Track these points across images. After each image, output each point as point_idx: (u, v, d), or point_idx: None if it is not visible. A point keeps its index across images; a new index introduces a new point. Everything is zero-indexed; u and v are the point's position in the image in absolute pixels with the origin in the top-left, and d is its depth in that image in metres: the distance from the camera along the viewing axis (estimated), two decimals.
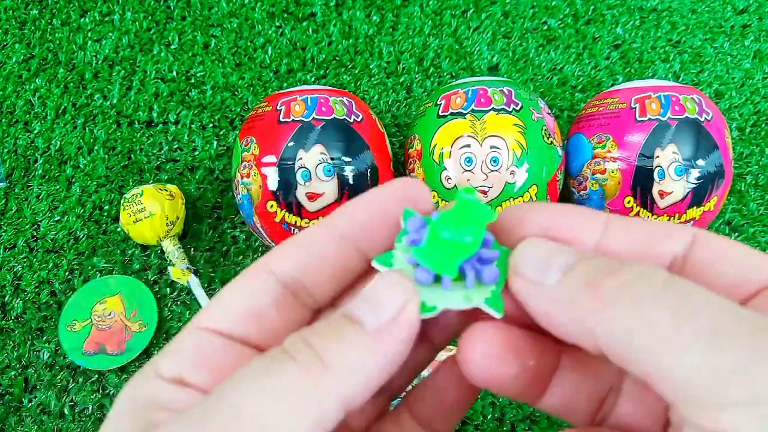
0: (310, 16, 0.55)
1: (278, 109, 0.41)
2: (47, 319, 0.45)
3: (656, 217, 0.40)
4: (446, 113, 0.41)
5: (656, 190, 0.39)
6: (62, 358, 0.44)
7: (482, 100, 0.40)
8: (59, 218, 0.48)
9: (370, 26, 0.55)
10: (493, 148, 0.39)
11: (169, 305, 0.46)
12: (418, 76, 0.53)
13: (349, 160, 0.40)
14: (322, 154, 0.39)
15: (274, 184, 0.39)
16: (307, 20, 0.55)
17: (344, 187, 0.40)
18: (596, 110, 0.43)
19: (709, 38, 0.55)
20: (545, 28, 0.55)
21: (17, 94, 0.52)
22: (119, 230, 0.48)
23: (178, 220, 0.45)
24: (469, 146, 0.39)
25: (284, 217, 0.40)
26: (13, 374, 0.44)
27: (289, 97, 0.41)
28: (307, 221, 0.40)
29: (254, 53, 0.54)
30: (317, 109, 0.40)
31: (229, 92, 0.52)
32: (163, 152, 0.50)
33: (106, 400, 0.43)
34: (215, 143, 0.51)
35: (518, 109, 0.40)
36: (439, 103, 0.42)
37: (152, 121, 0.52)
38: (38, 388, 0.44)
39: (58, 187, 0.49)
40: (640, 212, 0.40)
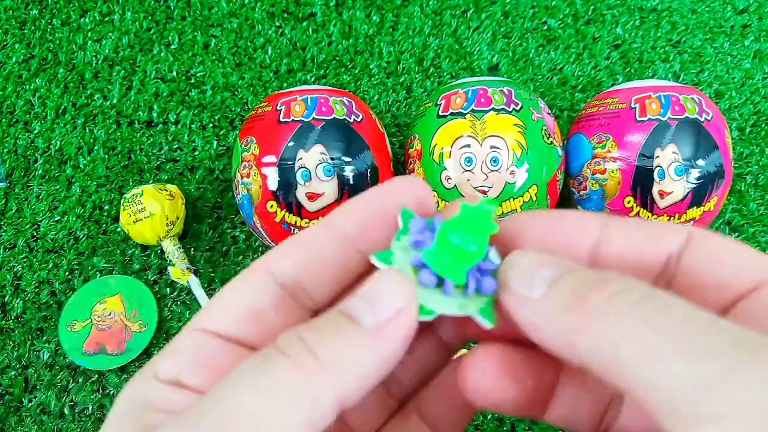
0: (310, 16, 0.55)
1: (278, 109, 0.41)
2: (47, 319, 0.45)
3: (656, 217, 0.40)
4: (446, 113, 0.41)
5: (656, 190, 0.39)
6: (62, 358, 0.44)
7: (482, 100, 0.40)
8: (59, 218, 0.48)
9: (370, 26, 0.55)
10: (493, 148, 0.39)
11: (169, 305, 0.46)
12: (418, 76, 0.53)
13: (349, 160, 0.40)
14: (322, 154, 0.39)
15: (274, 184, 0.39)
16: (307, 20, 0.55)
17: (344, 187, 0.40)
18: (596, 110, 0.43)
19: (709, 38, 0.55)
20: (545, 28, 0.55)
21: (17, 94, 0.53)
22: (119, 230, 0.48)
23: (178, 220, 0.45)
24: (469, 146, 0.39)
25: (284, 217, 0.40)
26: (13, 374, 0.44)
27: (289, 97, 0.41)
28: (307, 221, 0.40)
29: (254, 53, 0.54)
30: (317, 109, 0.40)
31: (229, 92, 0.52)
32: (163, 152, 0.50)
33: (106, 400, 0.43)
34: (215, 143, 0.51)
35: (518, 109, 0.40)
36: (439, 103, 0.42)
37: (152, 121, 0.52)
38: (38, 388, 0.44)
39: (58, 187, 0.49)
40: (640, 212, 0.40)
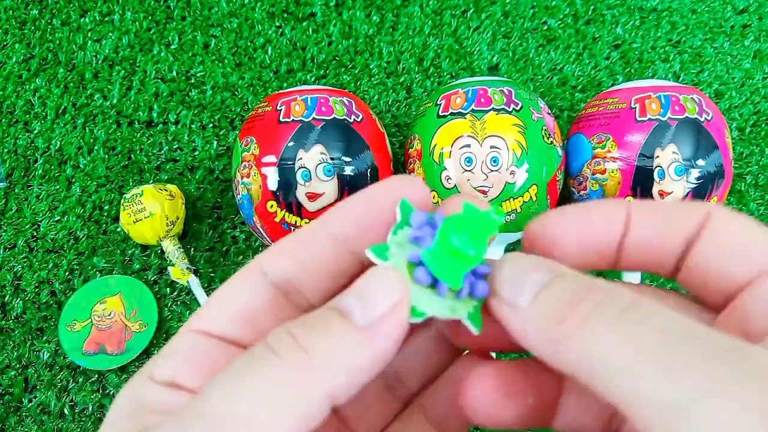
0: (310, 16, 0.55)
1: (278, 109, 0.41)
2: (47, 319, 0.45)
3: None
4: (446, 113, 0.41)
5: (656, 190, 0.39)
6: (62, 358, 0.44)
7: (482, 100, 0.40)
8: (59, 218, 0.48)
9: (370, 26, 0.55)
10: (493, 148, 0.39)
11: (169, 305, 0.46)
12: (418, 76, 0.53)
13: (349, 160, 0.40)
14: (322, 154, 0.39)
15: (274, 184, 0.39)
16: (307, 20, 0.55)
17: (344, 187, 0.40)
18: (596, 110, 0.43)
19: (709, 38, 0.55)
20: (545, 28, 0.55)
21: (17, 94, 0.52)
22: (119, 230, 0.48)
23: (178, 220, 0.45)
24: (469, 146, 0.39)
25: (284, 217, 0.40)
26: (13, 374, 0.44)
27: (289, 97, 0.41)
28: (307, 221, 0.40)
29: (254, 53, 0.54)
30: (317, 109, 0.40)
31: (229, 92, 0.52)
32: (163, 152, 0.50)
33: (106, 400, 0.43)
34: (215, 143, 0.51)
35: (518, 109, 0.40)
36: (439, 103, 0.42)
37: (152, 121, 0.52)
38: (38, 388, 0.44)
39: (58, 187, 0.49)
40: None
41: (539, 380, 0.16)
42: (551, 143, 0.41)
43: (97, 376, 0.44)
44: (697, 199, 0.39)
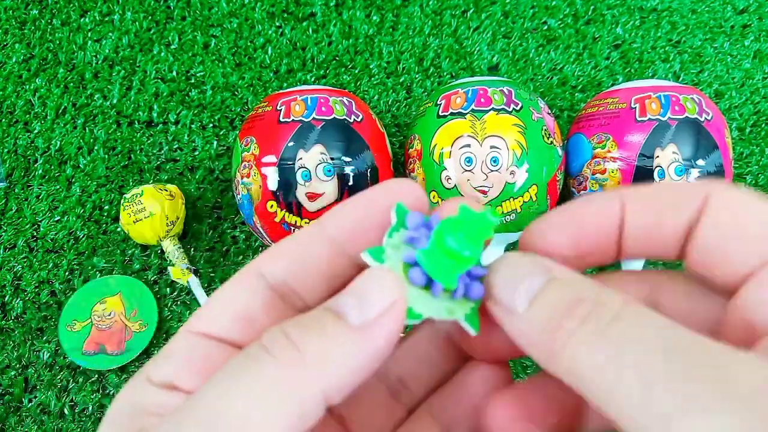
0: (310, 16, 0.55)
1: (278, 109, 0.41)
2: (47, 319, 0.45)
3: None
4: (446, 113, 0.41)
5: None
6: (62, 358, 0.44)
7: (482, 100, 0.40)
8: (59, 218, 0.48)
9: (370, 26, 0.55)
10: (493, 148, 0.39)
11: (169, 305, 0.46)
12: (418, 76, 0.53)
13: (349, 160, 0.40)
14: (322, 154, 0.39)
15: (274, 184, 0.39)
16: (307, 20, 0.55)
17: (344, 187, 0.40)
18: (596, 110, 0.43)
19: (709, 38, 0.55)
20: (545, 28, 0.55)
21: (17, 94, 0.52)
22: (119, 230, 0.48)
23: (178, 220, 0.45)
24: (469, 146, 0.39)
25: (284, 217, 0.40)
26: (13, 374, 0.44)
27: (289, 97, 0.41)
28: (307, 221, 0.40)
29: (254, 53, 0.54)
30: (317, 109, 0.40)
31: (229, 92, 0.52)
32: (163, 152, 0.50)
33: (106, 400, 0.43)
34: (215, 143, 0.51)
35: (518, 109, 0.40)
36: (439, 103, 0.42)
37: (152, 121, 0.52)
38: (38, 388, 0.44)
39: (58, 187, 0.49)
40: None
41: (560, 397, 0.16)
42: (551, 143, 0.41)
43: (97, 376, 0.44)
44: None
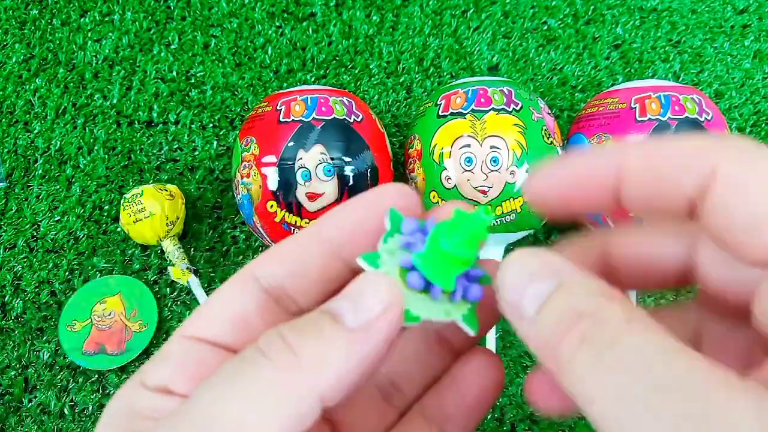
0: (310, 16, 0.55)
1: (278, 109, 0.41)
2: (47, 319, 0.45)
3: None
4: (446, 113, 0.41)
5: None
6: (62, 358, 0.44)
7: (482, 100, 0.40)
8: (59, 218, 0.48)
9: (370, 26, 0.55)
10: (493, 148, 0.39)
11: (169, 305, 0.46)
12: (418, 76, 0.53)
13: (349, 160, 0.40)
14: (322, 154, 0.39)
15: (274, 184, 0.39)
16: (307, 20, 0.55)
17: (344, 187, 0.40)
18: (596, 110, 0.43)
19: (709, 38, 0.55)
20: (545, 28, 0.55)
21: (17, 94, 0.52)
22: (119, 230, 0.48)
23: (178, 220, 0.45)
24: (469, 146, 0.39)
25: (284, 217, 0.40)
26: (13, 374, 0.44)
27: (289, 97, 0.41)
28: (307, 221, 0.40)
29: (254, 53, 0.54)
30: (317, 109, 0.40)
31: (229, 92, 0.52)
32: (163, 152, 0.50)
33: (106, 400, 0.43)
34: (215, 143, 0.51)
35: (518, 109, 0.40)
36: (439, 103, 0.42)
37: (152, 121, 0.52)
38: (38, 388, 0.44)
39: (58, 187, 0.49)
40: None
41: None
42: (551, 143, 0.41)
43: (97, 376, 0.44)
44: None
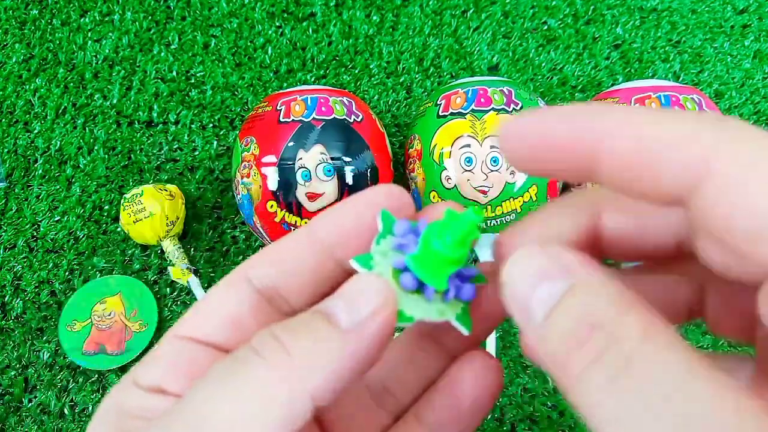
0: (310, 16, 0.55)
1: (278, 109, 0.41)
2: (47, 319, 0.45)
3: None
4: (446, 113, 0.41)
5: None
6: (62, 358, 0.44)
7: (482, 100, 0.40)
8: (59, 218, 0.48)
9: (370, 26, 0.55)
10: (493, 148, 0.39)
11: (169, 305, 0.46)
12: (418, 76, 0.53)
13: (349, 160, 0.40)
14: (322, 154, 0.39)
15: (274, 184, 0.39)
16: (307, 20, 0.55)
17: (344, 187, 0.40)
18: None
19: (709, 38, 0.55)
20: (545, 28, 0.55)
21: (17, 94, 0.52)
22: (119, 230, 0.48)
23: (178, 220, 0.45)
24: (469, 146, 0.39)
25: (284, 217, 0.40)
26: (13, 374, 0.44)
27: (289, 97, 0.41)
28: (307, 221, 0.40)
29: (254, 53, 0.54)
30: (317, 109, 0.40)
31: (229, 92, 0.52)
32: (163, 152, 0.50)
33: None
34: (215, 143, 0.51)
35: (518, 109, 0.40)
36: (439, 103, 0.42)
37: (152, 121, 0.52)
38: (38, 388, 0.44)
39: (58, 187, 0.49)
40: None
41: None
42: None
43: (97, 376, 0.44)
44: None
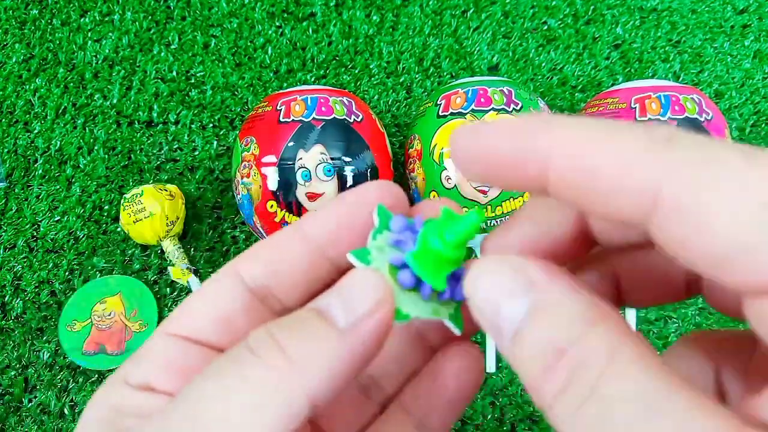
0: (310, 16, 0.55)
1: (278, 109, 0.41)
2: (47, 319, 0.45)
3: None
4: (446, 113, 0.41)
5: None
6: (62, 358, 0.44)
7: (482, 100, 0.40)
8: (59, 218, 0.48)
9: (370, 26, 0.55)
10: None
11: (169, 305, 0.46)
12: (418, 76, 0.53)
13: (349, 160, 0.40)
14: (322, 154, 0.39)
15: (274, 184, 0.39)
16: (307, 20, 0.55)
17: (344, 187, 0.40)
18: (596, 110, 0.43)
19: (709, 38, 0.55)
20: (545, 28, 0.55)
21: (17, 94, 0.52)
22: (119, 230, 0.48)
23: (178, 220, 0.45)
24: None
25: (284, 217, 0.40)
26: (13, 374, 0.44)
27: (289, 97, 0.41)
28: None
29: (254, 53, 0.54)
30: (317, 109, 0.40)
31: (229, 92, 0.52)
32: (163, 152, 0.50)
33: None
34: (215, 143, 0.51)
35: (518, 109, 0.40)
36: (439, 103, 0.42)
37: (152, 121, 0.52)
38: (38, 388, 0.44)
39: (58, 187, 0.49)
40: None
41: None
42: None
43: (97, 376, 0.44)
44: None
